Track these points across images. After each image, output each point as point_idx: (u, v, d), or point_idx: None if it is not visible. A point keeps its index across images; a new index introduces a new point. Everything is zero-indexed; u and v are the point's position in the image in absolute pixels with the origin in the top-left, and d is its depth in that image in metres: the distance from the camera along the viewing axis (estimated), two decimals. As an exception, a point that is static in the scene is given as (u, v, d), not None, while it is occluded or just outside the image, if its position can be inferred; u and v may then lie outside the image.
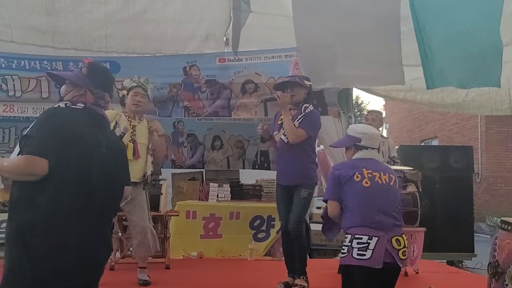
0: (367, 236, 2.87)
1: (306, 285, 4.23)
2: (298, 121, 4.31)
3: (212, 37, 6.82)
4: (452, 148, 9.37)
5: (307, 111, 4.35)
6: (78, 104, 2.44)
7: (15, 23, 6.42)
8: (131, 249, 4.81)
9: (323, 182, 7.16)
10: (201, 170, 7.00)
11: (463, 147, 9.19)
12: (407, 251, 2.98)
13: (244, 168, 7.10)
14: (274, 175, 6.78)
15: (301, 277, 4.26)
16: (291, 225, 4.24)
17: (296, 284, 4.25)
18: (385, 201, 3.00)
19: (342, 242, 6.85)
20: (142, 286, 4.36)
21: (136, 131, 4.39)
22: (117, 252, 5.16)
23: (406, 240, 2.99)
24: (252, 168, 7.09)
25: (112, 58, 6.41)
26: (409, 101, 7.23)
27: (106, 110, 2.61)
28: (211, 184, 6.56)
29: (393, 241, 2.91)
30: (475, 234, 8.00)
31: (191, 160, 7.06)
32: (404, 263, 2.99)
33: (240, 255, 6.05)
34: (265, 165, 7.06)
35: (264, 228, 6.29)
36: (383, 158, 5.39)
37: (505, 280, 2.41)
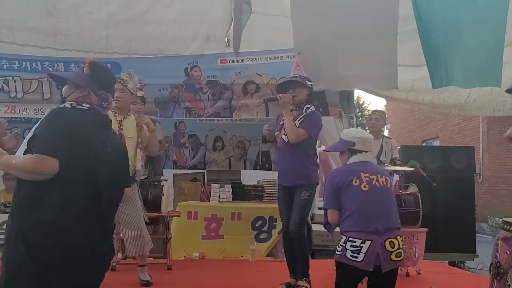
0: (360, 240, 2.96)
1: (308, 286, 4.22)
2: (299, 121, 4.32)
3: (213, 37, 6.82)
4: (453, 149, 9.35)
5: (308, 112, 4.36)
6: (83, 105, 2.41)
7: (16, 25, 6.43)
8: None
9: (324, 183, 7.15)
10: (203, 170, 7.00)
11: (465, 148, 9.18)
12: (404, 252, 3.04)
13: (245, 169, 7.09)
14: (275, 176, 6.77)
15: (304, 279, 4.26)
16: (292, 227, 4.23)
17: (299, 285, 4.24)
18: (383, 204, 3.09)
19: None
20: (143, 287, 4.35)
21: (123, 125, 4.37)
22: (118, 253, 5.16)
23: (401, 242, 3.05)
24: (254, 169, 7.08)
25: (114, 59, 6.41)
26: (411, 101, 7.23)
27: (108, 110, 2.59)
28: (212, 184, 6.56)
29: (387, 243, 2.97)
30: (476, 234, 8.00)
31: (193, 160, 7.06)
32: (395, 265, 3.04)
33: (241, 256, 6.04)
34: (267, 165, 7.05)
35: (265, 229, 6.29)
36: (386, 158, 5.38)
37: (507, 281, 2.41)
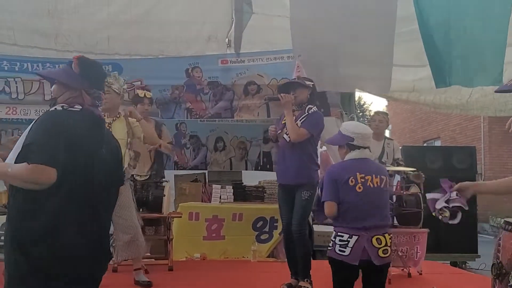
0: (348, 235, 3.09)
1: (310, 287, 4.23)
2: (301, 120, 4.33)
3: (214, 38, 6.82)
4: (455, 149, 9.33)
5: (310, 112, 4.37)
6: (75, 106, 2.31)
7: (18, 26, 6.43)
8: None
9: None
10: (204, 171, 7.00)
11: (466, 148, 9.17)
12: (389, 250, 3.14)
13: (246, 169, 7.09)
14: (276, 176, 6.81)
15: (305, 279, 4.26)
16: (293, 227, 4.24)
17: (300, 286, 4.25)
18: (374, 205, 3.17)
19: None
20: (144, 287, 4.35)
21: (112, 128, 4.34)
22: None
23: (389, 239, 3.15)
24: (255, 169, 7.08)
25: (115, 60, 6.41)
26: (412, 102, 7.21)
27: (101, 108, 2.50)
28: (213, 185, 6.56)
29: (374, 240, 3.08)
30: (478, 234, 7.98)
31: (194, 161, 7.07)
32: (382, 261, 3.13)
33: (243, 257, 6.04)
34: (268, 166, 7.05)
35: (267, 229, 6.29)
36: (387, 160, 5.38)
37: (509, 281, 2.40)
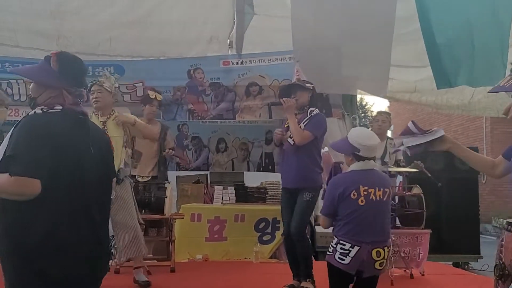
0: (350, 244, 3.17)
1: (312, 287, 4.22)
2: (304, 123, 4.34)
3: (216, 39, 6.83)
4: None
5: (313, 114, 4.38)
6: (55, 107, 2.17)
7: (20, 28, 6.45)
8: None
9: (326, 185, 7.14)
10: (206, 172, 7.00)
11: (469, 148, 9.14)
12: (386, 262, 3.25)
13: (248, 170, 7.09)
14: (278, 177, 6.76)
15: (307, 279, 4.26)
16: (292, 229, 4.24)
17: (302, 286, 4.25)
18: (375, 218, 3.24)
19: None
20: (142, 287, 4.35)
21: (107, 126, 4.37)
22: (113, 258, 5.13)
23: (387, 252, 3.25)
24: (257, 170, 7.08)
25: (117, 62, 6.42)
26: (414, 102, 7.20)
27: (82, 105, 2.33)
28: (215, 186, 6.56)
29: (373, 252, 3.16)
30: (481, 235, 7.96)
31: (196, 162, 7.07)
32: (376, 273, 3.26)
33: (245, 258, 6.04)
34: (270, 167, 7.05)
35: (269, 230, 6.28)
36: (389, 160, 5.37)
37: (512, 282, 2.40)
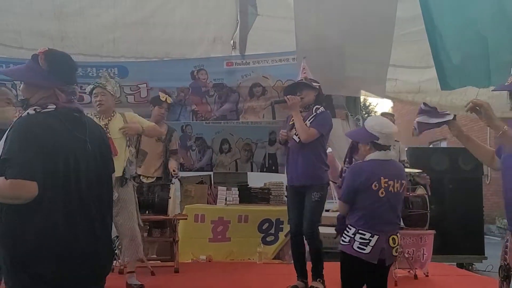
0: (370, 234, 3.12)
1: (322, 287, 4.23)
2: (309, 121, 4.34)
3: (219, 40, 6.82)
4: (461, 150, 9.20)
5: (318, 112, 4.38)
6: (49, 107, 2.14)
7: (24, 29, 6.45)
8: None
9: (331, 185, 7.13)
10: (209, 173, 7.00)
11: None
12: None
13: (252, 171, 7.09)
14: (282, 178, 6.78)
15: (318, 279, 4.26)
16: (304, 229, 4.26)
17: (312, 286, 4.25)
18: (393, 209, 3.22)
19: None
20: None
21: (109, 128, 4.35)
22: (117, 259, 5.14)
23: (399, 239, 3.26)
24: (260, 171, 7.08)
25: (120, 63, 6.43)
26: (418, 103, 7.15)
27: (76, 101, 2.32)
28: (219, 187, 6.56)
29: (390, 240, 3.15)
30: (485, 236, 7.94)
31: (199, 163, 7.07)
32: (392, 260, 3.27)
33: (249, 259, 6.05)
34: (273, 168, 7.05)
35: (272, 231, 6.28)
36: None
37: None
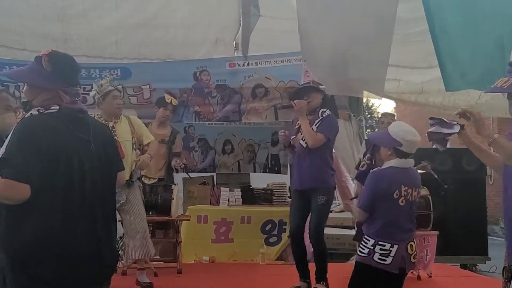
0: (390, 244, 3.07)
1: None
2: (316, 125, 4.33)
3: (221, 41, 6.84)
4: (464, 151, 9.15)
5: (324, 115, 4.37)
6: (52, 108, 2.13)
7: (27, 31, 6.48)
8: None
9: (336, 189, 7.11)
10: (212, 174, 7.01)
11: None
12: (419, 255, 3.18)
13: (255, 172, 7.09)
14: (285, 179, 6.77)
15: (321, 282, 4.26)
16: (311, 232, 4.28)
17: None
18: (409, 217, 3.20)
19: (354, 246, 6.78)
20: None
21: (116, 131, 4.35)
22: (121, 259, 5.14)
23: (415, 244, 3.22)
24: (263, 172, 7.08)
25: (123, 65, 6.45)
26: (421, 104, 7.14)
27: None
28: (222, 188, 6.55)
29: (408, 247, 3.12)
30: (488, 237, 7.91)
31: (202, 164, 7.08)
32: (413, 266, 3.27)
33: (251, 260, 6.04)
34: (276, 168, 7.04)
35: (275, 232, 6.27)
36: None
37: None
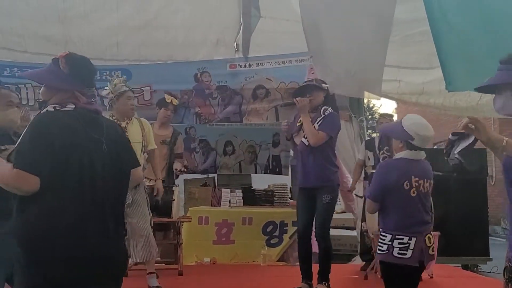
0: (408, 237, 3.04)
1: None
2: (317, 123, 4.34)
3: (222, 42, 6.85)
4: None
5: (326, 113, 4.38)
6: (68, 106, 2.16)
7: (28, 33, 6.50)
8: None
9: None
10: (213, 175, 7.01)
11: (477, 150, 9.02)
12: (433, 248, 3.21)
13: (256, 173, 7.09)
14: (286, 180, 6.78)
15: (323, 282, 4.27)
16: (316, 231, 4.29)
17: None
18: (424, 208, 3.17)
19: (356, 247, 6.77)
20: None
21: (128, 131, 4.36)
22: (129, 258, 5.15)
23: (433, 237, 3.18)
24: (264, 173, 7.08)
25: (124, 66, 6.46)
26: (422, 104, 7.14)
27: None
28: (223, 189, 6.56)
29: (426, 239, 3.09)
30: (490, 237, 7.91)
31: (203, 165, 7.08)
32: (431, 259, 3.18)
33: (253, 261, 6.04)
34: (277, 169, 7.04)
35: (277, 233, 6.27)
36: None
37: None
